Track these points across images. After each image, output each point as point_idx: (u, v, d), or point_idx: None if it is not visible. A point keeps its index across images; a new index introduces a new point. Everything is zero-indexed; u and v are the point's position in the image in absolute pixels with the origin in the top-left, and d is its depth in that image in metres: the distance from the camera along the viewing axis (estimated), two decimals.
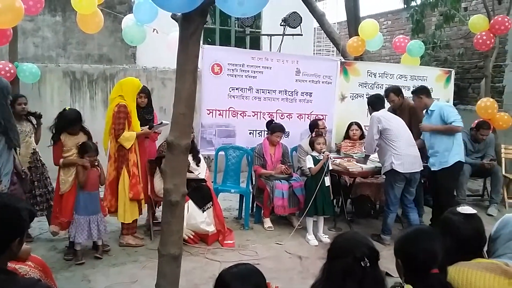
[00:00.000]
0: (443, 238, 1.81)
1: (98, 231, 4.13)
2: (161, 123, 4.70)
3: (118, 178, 4.40)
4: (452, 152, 4.83)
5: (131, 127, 4.42)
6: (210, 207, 4.73)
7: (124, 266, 4.08)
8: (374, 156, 5.22)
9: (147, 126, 4.62)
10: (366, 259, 1.64)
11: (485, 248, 2.02)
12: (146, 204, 4.79)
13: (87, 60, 7.44)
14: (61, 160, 4.10)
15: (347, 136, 6.01)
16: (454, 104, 7.38)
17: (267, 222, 5.26)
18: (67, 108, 4.35)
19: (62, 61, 7.29)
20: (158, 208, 4.96)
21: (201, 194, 4.72)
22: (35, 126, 4.59)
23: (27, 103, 4.50)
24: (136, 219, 4.64)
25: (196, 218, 4.55)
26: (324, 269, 1.75)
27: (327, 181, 4.83)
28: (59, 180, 4.16)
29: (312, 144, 4.96)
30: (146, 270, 3.92)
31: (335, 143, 6.19)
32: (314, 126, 5.61)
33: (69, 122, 4.15)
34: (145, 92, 4.79)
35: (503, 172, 6.44)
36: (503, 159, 6.65)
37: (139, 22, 5.21)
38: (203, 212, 4.62)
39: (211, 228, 4.63)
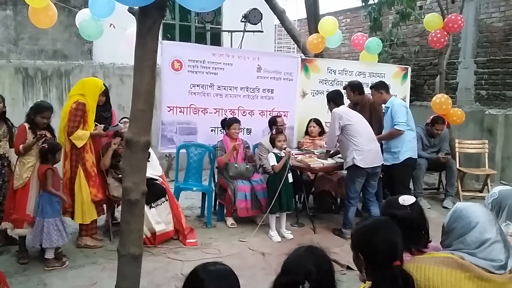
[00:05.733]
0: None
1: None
2: (117, 125, 4.62)
3: (73, 177, 4.27)
4: (402, 149, 5.04)
5: (86, 126, 4.32)
6: (161, 204, 4.57)
7: (82, 268, 3.95)
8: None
9: (102, 127, 4.51)
10: (306, 282, 1.52)
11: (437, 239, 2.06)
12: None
13: (40, 56, 7.12)
14: (21, 146, 3.95)
15: (306, 133, 6.07)
16: (411, 101, 7.61)
17: (230, 220, 5.23)
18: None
19: (13, 57, 6.96)
20: (118, 207, 4.84)
21: (152, 190, 4.56)
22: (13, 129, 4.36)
23: (5, 106, 4.31)
24: (96, 220, 4.51)
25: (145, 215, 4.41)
26: (275, 280, 1.66)
27: (290, 177, 4.87)
28: (14, 174, 4.00)
29: (272, 141, 4.97)
30: (106, 271, 3.82)
31: (298, 141, 6.22)
32: (273, 123, 5.63)
33: (44, 107, 4.10)
34: (103, 91, 4.66)
35: (457, 166, 6.68)
36: (457, 153, 6.88)
37: (95, 16, 5.05)
38: (150, 208, 4.41)
39: (160, 227, 4.48)
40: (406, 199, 2.12)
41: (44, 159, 3.96)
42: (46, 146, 3.94)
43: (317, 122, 5.98)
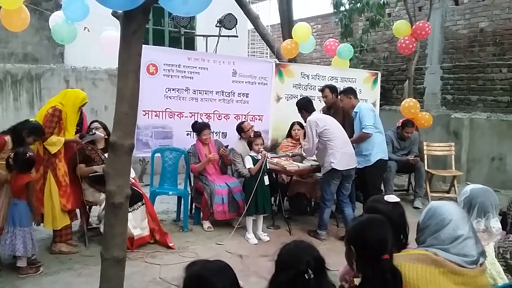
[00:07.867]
0: None
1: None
2: (94, 133, 4.58)
3: (44, 183, 4.20)
4: (373, 151, 5.19)
5: (61, 133, 4.27)
6: (138, 208, 4.55)
7: (58, 274, 3.89)
8: None
9: (78, 135, 4.48)
10: (309, 270, 1.62)
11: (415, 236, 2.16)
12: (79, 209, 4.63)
13: (10, 59, 6.96)
14: None
15: (289, 135, 6.13)
16: (380, 105, 7.81)
17: (206, 223, 5.25)
18: (31, 120, 4.19)
19: None
20: (91, 212, 4.80)
21: None
22: None
23: None
24: (70, 226, 4.45)
25: None
26: (271, 281, 1.73)
27: (267, 180, 4.93)
28: None
29: (250, 144, 5.03)
30: (82, 277, 3.78)
31: (279, 143, 6.27)
32: (240, 130, 5.60)
33: (43, 131, 4.07)
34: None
35: (426, 168, 6.90)
36: (425, 156, 7.10)
37: (69, 20, 4.97)
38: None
39: (137, 232, 4.47)
40: (391, 197, 2.25)
41: (22, 169, 3.85)
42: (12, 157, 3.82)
43: (301, 125, 6.00)
